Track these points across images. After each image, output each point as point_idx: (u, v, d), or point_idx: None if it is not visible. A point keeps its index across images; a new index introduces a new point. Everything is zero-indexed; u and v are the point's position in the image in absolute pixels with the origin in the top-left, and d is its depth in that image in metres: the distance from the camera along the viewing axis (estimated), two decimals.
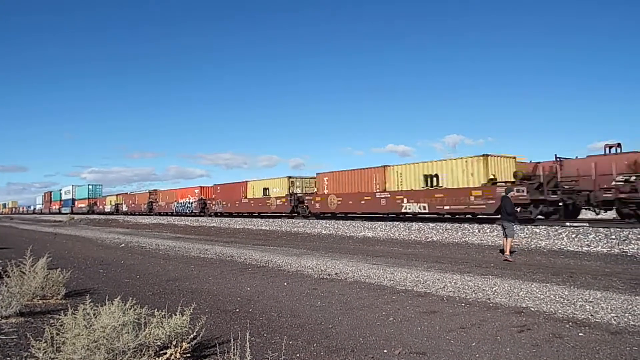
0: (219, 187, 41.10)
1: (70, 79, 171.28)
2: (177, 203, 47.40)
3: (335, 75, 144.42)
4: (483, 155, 20.17)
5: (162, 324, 3.96)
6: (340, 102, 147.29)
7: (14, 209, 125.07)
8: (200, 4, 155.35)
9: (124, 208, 61.05)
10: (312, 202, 29.98)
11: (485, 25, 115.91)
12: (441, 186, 21.80)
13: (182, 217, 41.80)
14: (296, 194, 32.86)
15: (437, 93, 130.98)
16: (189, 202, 45.19)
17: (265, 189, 35.22)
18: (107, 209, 66.08)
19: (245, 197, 37.04)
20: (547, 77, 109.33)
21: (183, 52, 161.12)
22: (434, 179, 22.18)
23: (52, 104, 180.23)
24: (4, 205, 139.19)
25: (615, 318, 5.39)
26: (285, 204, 32.68)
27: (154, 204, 53.52)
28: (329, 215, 29.38)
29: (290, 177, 33.38)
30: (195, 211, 43.93)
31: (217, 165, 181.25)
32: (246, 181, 37.43)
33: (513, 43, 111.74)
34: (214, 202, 40.90)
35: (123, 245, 17.40)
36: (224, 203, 39.52)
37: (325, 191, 29.16)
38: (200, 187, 44.57)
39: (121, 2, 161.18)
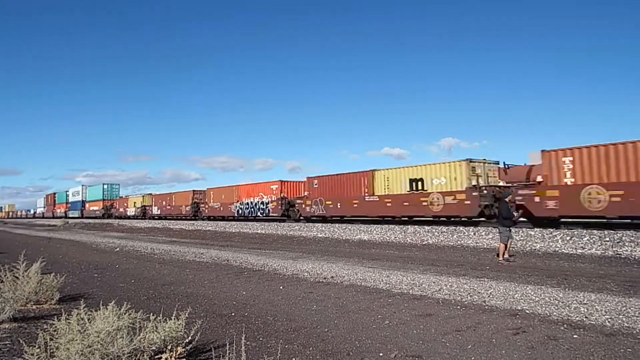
0: (316, 181, 28.99)
1: (64, 81, 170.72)
2: (241, 204, 36.28)
3: (331, 78, 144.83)
4: None
5: (157, 328, 3.94)
6: (336, 105, 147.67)
7: (11, 213, 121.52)
8: (196, 6, 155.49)
9: (155, 211, 49.08)
10: (540, 200, 16.70)
11: (480, 28, 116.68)
12: None
13: (179, 222, 41.39)
14: (484, 186, 20.03)
15: (432, 96, 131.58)
16: (262, 203, 34.13)
17: (414, 181, 22.55)
18: (130, 212, 54.38)
19: (372, 194, 24.79)
20: (542, 79, 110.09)
21: (179, 54, 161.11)
22: None
23: (46, 107, 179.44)
24: (0, 209, 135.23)
25: (609, 320, 5.42)
26: (467, 203, 19.87)
27: (201, 205, 41.93)
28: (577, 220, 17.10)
29: (471, 161, 20.60)
30: (274, 214, 32.81)
31: (213, 168, 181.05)
32: (372, 170, 25.19)
33: (508, 46, 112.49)
34: (307, 202, 29.20)
35: (118, 249, 17.31)
36: (328, 203, 27.57)
37: (569, 179, 16.33)
38: (282, 181, 33.25)
39: (116, 4, 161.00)
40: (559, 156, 16.96)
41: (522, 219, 15.85)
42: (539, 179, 17.57)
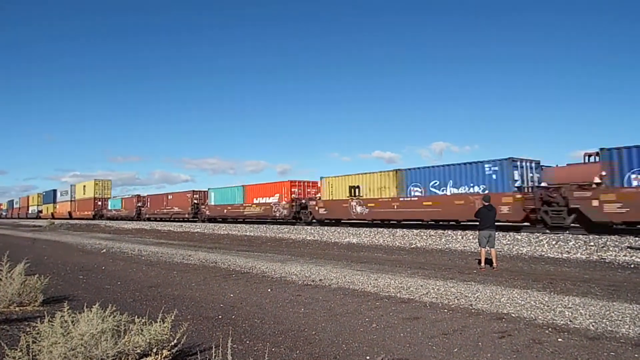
0: None
1: (51, 81, 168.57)
2: None
3: (323, 81, 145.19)
4: None
5: (142, 331, 3.90)
6: (327, 108, 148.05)
7: (117, 212, 56.85)
8: (187, 8, 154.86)
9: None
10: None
11: (472, 33, 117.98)
12: None
13: (166, 222, 40.96)
14: None
15: (424, 100, 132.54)
16: None
17: None
18: None
19: None
20: (534, 85, 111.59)
21: (170, 56, 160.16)
22: None
23: (32, 107, 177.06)
24: (47, 199, 76.04)
25: (593, 324, 5.49)
26: None
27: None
28: None
29: None
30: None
31: (203, 170, 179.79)
32: None
33: (500, 52, 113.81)
34: None
35: (104, 250, 17.11)
36: None
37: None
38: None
39: (106, 5, 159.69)
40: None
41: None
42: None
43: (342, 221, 28.83)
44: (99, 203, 63.25)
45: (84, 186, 66.63)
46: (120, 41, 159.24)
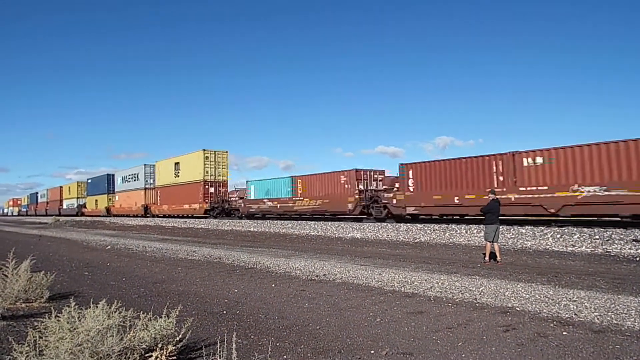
0: None
1: (55, 78, 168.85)
2: None
3: (326, 76, 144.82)
4: None
5: (148, 326, 3.92)
6: (330, 103, 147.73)
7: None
8: (189, 4, 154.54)
9: None
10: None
11: (475, 26, 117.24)
12: None
13: (170, 219, 40.97)
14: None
15: (427, 95, 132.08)
16: None
17: None
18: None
19: None
20: (536, 78, 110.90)
21: (172, 52, 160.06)
22: None
23: (35, 105, 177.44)
24: (95, 188, 53.77)
25: (598, 317, 5.47)
26: None
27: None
28: None
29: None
30: None
31: None
32: None
33: (503, 45, 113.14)
34: None
35: (109, 247, 17.19)
36: None
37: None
38: None
39: (110, 2, 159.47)
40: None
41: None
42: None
43: None
44: (211, 190, 37.46)
45: (177, 163, 39.88)
46: (123, 38, 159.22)
